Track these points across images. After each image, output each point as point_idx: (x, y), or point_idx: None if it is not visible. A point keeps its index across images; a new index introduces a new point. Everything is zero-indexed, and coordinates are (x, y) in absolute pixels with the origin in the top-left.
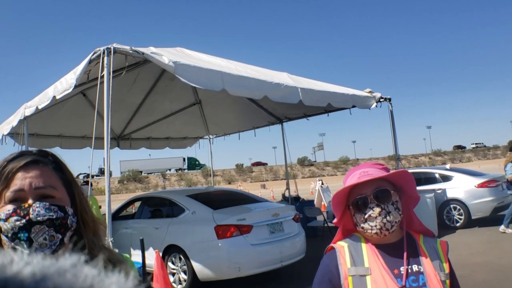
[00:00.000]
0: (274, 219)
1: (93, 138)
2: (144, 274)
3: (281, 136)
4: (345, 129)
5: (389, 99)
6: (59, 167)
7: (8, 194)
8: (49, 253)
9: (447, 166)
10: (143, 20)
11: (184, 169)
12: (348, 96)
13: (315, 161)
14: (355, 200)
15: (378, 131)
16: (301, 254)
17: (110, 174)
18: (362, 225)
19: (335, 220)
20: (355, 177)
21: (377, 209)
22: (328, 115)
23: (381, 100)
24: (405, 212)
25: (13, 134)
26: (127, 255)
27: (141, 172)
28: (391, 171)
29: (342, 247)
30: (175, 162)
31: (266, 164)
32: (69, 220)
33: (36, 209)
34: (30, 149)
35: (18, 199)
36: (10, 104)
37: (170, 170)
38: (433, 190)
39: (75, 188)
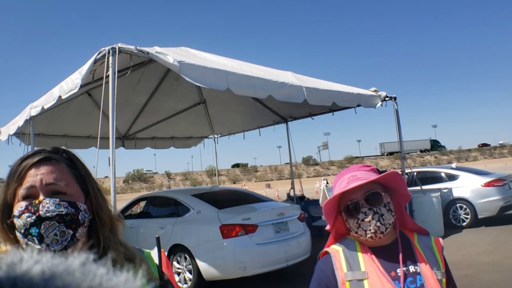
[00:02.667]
0: (279, 219)
1: (99, 137)
2: (161, 273)
3: (286, 136)
4: (350, 128)
5: (395, 98)
6: (73, 164)
7: (21, 191)
8: (60, 249)
9: (453, 165)
10: (148, 20)
11: (428, 150)
12: (353, 95)
13: (321, 161)
14: (347, 206)
15: (383, 130)
16: (306, 254)
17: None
18: (356, 230)
19: (327, 227)
20: (344, 182)
21: (370, 213)
22: (333, 114)
23: (386, 99)
24: (397, 212)
25: (19, 134)
26: (149, 251)
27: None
28: (380, 174)
29: (336, 251)
30: (422, 144)
31: (489, 145)
32: (80, 216)
33: (46, 205)
34: (39, 148)
35: (30, 196)
36: (16, 104)
37: (417, 151)
38: (439, 189)
39: (89, 184)
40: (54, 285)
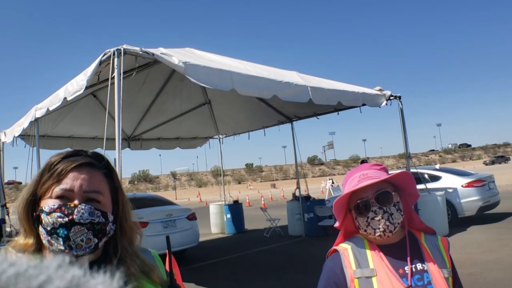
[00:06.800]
0: (167, 218)
1: (105, 139)
2: (172, 275)
3: (291, 135)
4: (355, 128)
5: (399, 97)
6: (110, 174)
7: (57, 190)
8: (81, 255)
9: (437, 166)
10: (153, 21)
11: None
12: (358, 94)
13: (326, 160)
14: (357, 204)
15: (388, 130)
16: (191, 243)
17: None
18: (365, 228)
19: (336, 224)
20: (354, 180)
21: (380, 212)
22: (338, 114)
23: (391, 98)
24: (405, 211)
25: (24, 135)
26: (155, 251)
27: None
28: (391, 173)
29: (345, 249)
30: None
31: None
32: (108, 227)
33: (81, 211)
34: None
35: (65, 197)
36: (21, 106)
37: None
38: (422, 190)
39: (120, 195)
40: (30, 287)
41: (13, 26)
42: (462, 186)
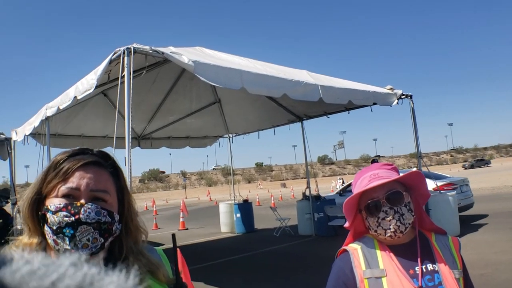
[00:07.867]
0: None
1: (115, 137)
2: (178, 273)
3: (301, 135)
4: (366, 127)
5: (410, 96)
6: (116, 173)
7: (63, 189)
8: (87, 254)
9: (414, 169)
10: (163, 20)
11: None
12: (369, 93)
13: (336, 159)
14: (367, 204)
15: (399, 129)
16: None
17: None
18: (375, 228)
19: (346, 224)
20: (365, 180)
21: (391, 213)
22: (348, 113)
23: (402, 97)
24: (416, 211)
25: (35, 134)
26: (161, 249)
27: None
28: (403, 173)
29: (355, 249)
30: None
31: None
32: (114, 227)
33: (88, 210)
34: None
35: (71, 196)
36: (31, 105)
37: None
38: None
39: (126, 194)
40: (44, 286)
41: (16, 25)
42: (433, 189)
